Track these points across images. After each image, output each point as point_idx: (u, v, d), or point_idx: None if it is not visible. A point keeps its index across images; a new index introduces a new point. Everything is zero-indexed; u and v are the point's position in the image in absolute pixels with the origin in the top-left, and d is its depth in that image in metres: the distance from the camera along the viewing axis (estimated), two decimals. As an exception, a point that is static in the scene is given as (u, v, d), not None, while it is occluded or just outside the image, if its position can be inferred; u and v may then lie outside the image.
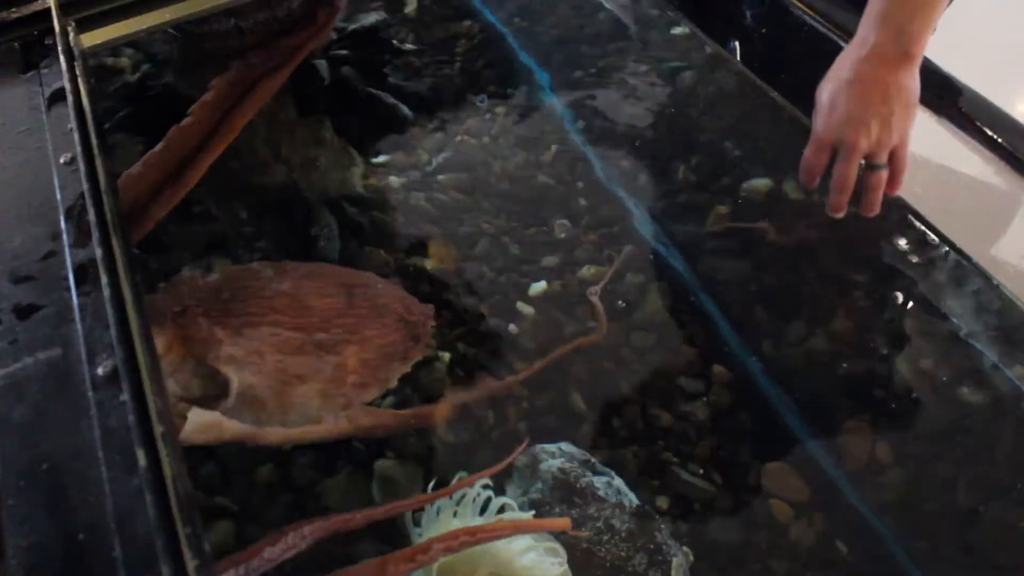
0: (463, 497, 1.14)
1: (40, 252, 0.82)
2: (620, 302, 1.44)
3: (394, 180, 1.63)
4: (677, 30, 1.82)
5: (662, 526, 1.15)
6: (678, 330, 1.40)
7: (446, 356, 1.38)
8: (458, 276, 1.49)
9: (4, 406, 0.70)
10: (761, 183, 1.53)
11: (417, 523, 1.13)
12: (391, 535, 1.16)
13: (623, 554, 1.11)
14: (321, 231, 1.44)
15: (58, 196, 0.86)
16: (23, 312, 0.76)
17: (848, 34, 1.20)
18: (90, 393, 0.69)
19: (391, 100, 1.70)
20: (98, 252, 0.75)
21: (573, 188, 1.61)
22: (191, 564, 0.56)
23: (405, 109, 1.71)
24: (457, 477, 1.16)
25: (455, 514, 1.13)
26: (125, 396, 0.67)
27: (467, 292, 1.47)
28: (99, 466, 0.64)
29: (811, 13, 1.36)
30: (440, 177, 1.64)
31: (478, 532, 1.06)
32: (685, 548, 1.15)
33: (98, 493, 0.63)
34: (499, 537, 1.07)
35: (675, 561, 1.13)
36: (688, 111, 1.73)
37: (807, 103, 1.23)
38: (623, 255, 1.49)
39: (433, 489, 1.14)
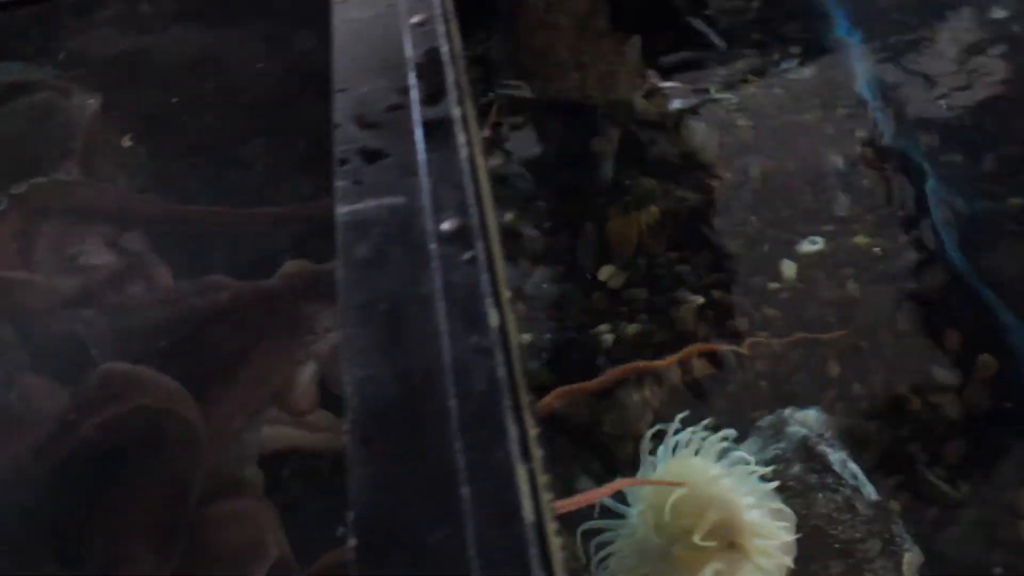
0: (705, 439, 1.12)
1: (386, 103, 0.83)
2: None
3: (682, 110, 1.59)
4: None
5: (899, 519, 1.09)
6: (947, 317, 1.32)
7: (699, 299, 1.35)
8: (722, 218, 1.45)
9: (347, 241, 0.71)
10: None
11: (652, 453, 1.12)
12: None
13: (857, 535, 1.07)
14: (603, 146, 1.42)
15: (407, 54, 0.87)
16: (369, 156, 0.78)
17: None
18: (432, 246, 0.69)
19: (704, 29, 1.65)
20: (456, 112, 0.75)
21: (858, 153, 1.54)
22: (532, 431, 0.55)
23: (715, 41, 1.66)
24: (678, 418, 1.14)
25: (697, 451, 1.11)
26: (471, 255, 0.67)
27: (729, 237, 1.43)
28: (437, 318, 0.64)
29: None
30: (726, 116, 1.59)
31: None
32: (918, 548, 1.09)
33: (435, 344, 0.63)
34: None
35: (907, 556, 1.09)
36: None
37: None
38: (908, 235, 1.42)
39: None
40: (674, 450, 1.11)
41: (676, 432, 1.13)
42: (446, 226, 0.70)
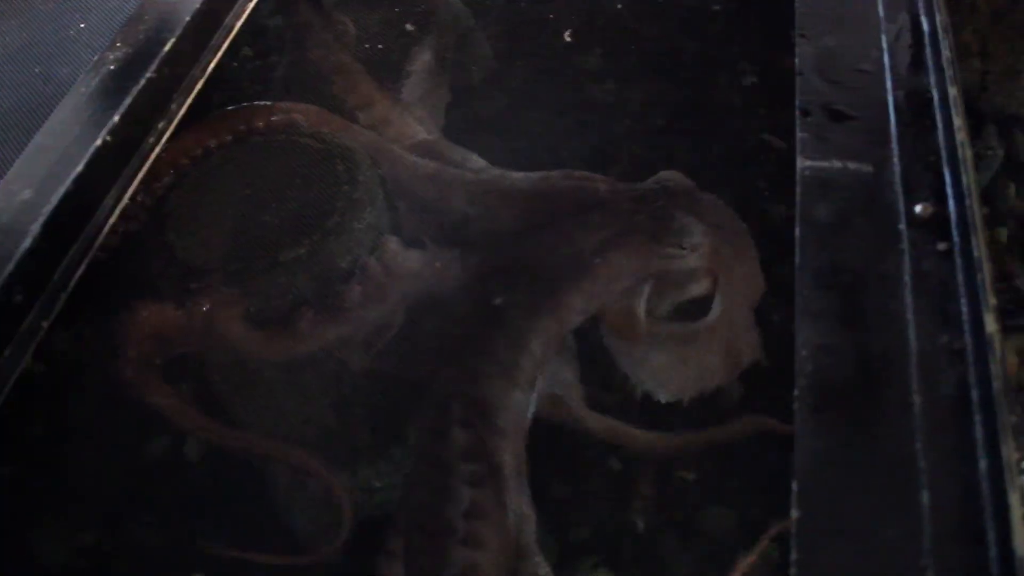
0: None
1: (854, 62, 0.79)
2: None
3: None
4: None
5: None
6: None
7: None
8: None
9: (808, 197, 0.68)
10: None
11: None
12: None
13: None
14: (987, 151, 1.32)
15: (880, 14, 0.82)
16: (834, 114, 0.74)
17: None
18: (902, 226, 0.65)
19: None
20: (950, 91, 0.70)
21: None
22: (1013, 456, 0.52)
23: None
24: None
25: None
26: (946, 246, 0.63)
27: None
28: (903, 304, 0.61)
29: None
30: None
31: None
32: None
33: (899, 330, 0.60)
34: None
35: None
36: None
37: None
38: None
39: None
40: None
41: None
42: (919, 209, 0.66)
